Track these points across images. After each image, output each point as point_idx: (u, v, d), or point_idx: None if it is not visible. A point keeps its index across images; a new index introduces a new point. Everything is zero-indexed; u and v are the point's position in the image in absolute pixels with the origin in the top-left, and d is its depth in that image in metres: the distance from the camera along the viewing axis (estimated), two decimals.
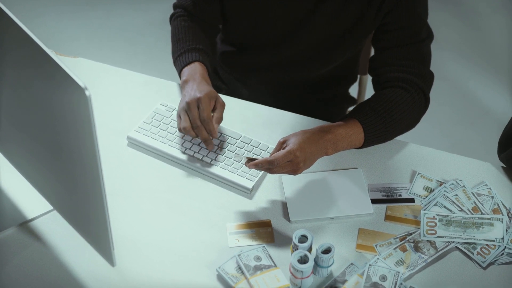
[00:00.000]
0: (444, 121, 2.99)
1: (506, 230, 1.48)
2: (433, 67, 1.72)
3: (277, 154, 1.47)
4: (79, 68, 1.82)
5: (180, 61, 1.71)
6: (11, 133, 1.38)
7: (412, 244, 1.47)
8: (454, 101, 3.08)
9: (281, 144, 1.51)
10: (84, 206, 1.28)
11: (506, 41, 3.35)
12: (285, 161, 1.47)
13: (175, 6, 1.85)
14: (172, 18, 1.83)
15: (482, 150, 2.85)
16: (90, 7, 3.44)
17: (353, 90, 2.08)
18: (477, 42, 3.33)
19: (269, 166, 1.47)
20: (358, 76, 2.08)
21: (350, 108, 2.08)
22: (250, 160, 1.51)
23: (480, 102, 3.07)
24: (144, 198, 1.56)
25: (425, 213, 1.51)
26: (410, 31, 1.66)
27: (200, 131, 1.57)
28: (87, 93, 1.06)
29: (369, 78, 1.94)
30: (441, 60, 3.10)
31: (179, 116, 1.60)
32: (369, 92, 1.88)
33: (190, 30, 1.77)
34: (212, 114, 1.59)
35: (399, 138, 1.68)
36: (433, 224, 1.49)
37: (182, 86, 1.66)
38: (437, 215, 1.50)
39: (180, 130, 1.59)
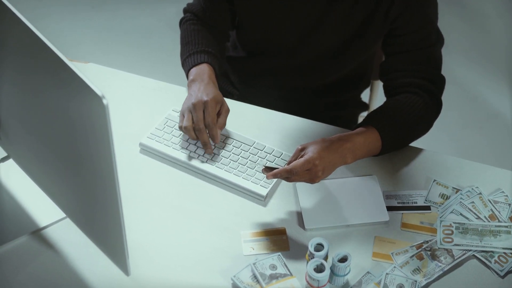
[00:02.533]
0: (452, 125, 2.98)
1: None
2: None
3: (296, 162, 1.46)
4: (89, 73, 1.81)
5: (188, 62, 1.71)
6: (25, 140, 1.37)
7: (429, 252, 1.45)
8: (463, 105, 3.07)
9: (299, 152, 1.50)
10: (99, 214, 1.26)
11: None
12: (304, 170, 1.45)
13: (185, 11, 1.85)
14: (182, 22, 1.83)
15: (491, 154, 2.83)
16: (96, 10, 3.43)
17: (365, 95, 2.07)
18: (484, 45, 3.32)
19: (288, 175, 1.45)
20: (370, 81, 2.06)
21: (363, 113, 2.07)
22: (267, 169, 1.49)
23: (488, 106, 3.06)
24: (157, 205, 1.54)
25: (441, 221, 1.49)
26: (420, 35, 1.65)
27: (202, 134, 1.57)
28: (104, 101, 1.05)
29: (380, 83, 1.92)
30: (449, 63, 3.08)
31: (182, 115, 1.60)
32: (381, 97, 1.87)
33: (199, 33, 1.76)
34: (216, 120, 1.59)
35: (413, 144, 1.66)
36: (450, 232, 1.48)
37: (188, 86, 1.65)
38: (454, 222, 1.49)
39: (180, 128, 1.59)
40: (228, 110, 1.63)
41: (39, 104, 1.22)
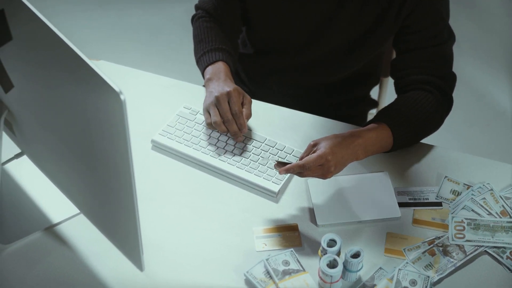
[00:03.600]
0: (460, 123, 2.98)
1: None
2: None
3: (308, 158, 1.46)
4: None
5: (203, 60, 1.71)
6: (40, 137, 1.37)
7: (440, 248, 1.46)
8: (470, 103, 3.07)
9: (312, 147, 1.50)
10: (114, 210, 1.27)
11: None
12: (317, 165, 1.46)
13: (196, 7, 1.85)
14: (194, 19, 1.84)
15: (499, 152, 2.83)
16: (103, 8, 3.44)
17: (374, 93, 2.07)
18: (492, 44, 3.32)
19: (300, 170, 1.46)
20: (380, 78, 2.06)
21: (372, 111, 2.07)
22: (280, 164, 1.49)
23: (495, 103, 3.06)
24: (169, 202, 1.55)
25: (453, 217, 1.49)
26: (432, 32, 1.65)
27: (231, 125, 1.57)
28: (122, 97, 1.05)
29: (390, 81, 1.92)
30: (457, 62, 3.08)
31: (207, 111, 1.60)
32: (390, 94, 1.87)
33: (213, 31, 1.77)
34: (242, 110, 1.60)
35: (425, 141, 1.67)
36: (462, 228, 1.48)
37: (206, 84, 1.65)
38: (466, 218, 1.49)
39: (209, 125, 1.59)
40: (251, 101, 1.63)
41: (56, 101, 1.23)
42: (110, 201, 1.25)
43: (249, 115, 1.60)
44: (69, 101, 1.18)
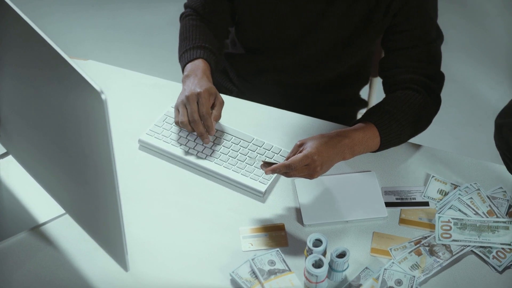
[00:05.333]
0: (452, 122, 2.98)
1: None
2: (441, 68, 1.71)
3: (294, 158, 1.46)
4: (89, 70, 1.81)
5: (184, 57, 1.72)
6: (24, 137, 1.37)
7: (427, 248, 1.46)
8: (462, 103, 3.07)
9: (298, 147, 1.50)
10: (98, 210, 1.27)
11: None
12: (303, 165, 1.46)
13: (185, 6, 1.85)
14: (182, 17, 1.84)
15: (491, 151, 2.82)
16: (96, 8, 3.43)
17: (364, 92, 2.07)
18: (484, 43, 3.32)
19: (286, 170, 1.46)
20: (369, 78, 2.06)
21: (361, 110, 2.07)
22: (266, 164, 1.49)
23: (488, 103, 3.06)
24: (156, 201, 1.55)
25: (440, 217, 1.49)
26: (420, 32, 1.65)
27: (197, 126, 1.58)
28: (103, 96, 1.05)
29: (379, 81, 1.92)
30: (448, 61, 3.08)
31: (177, 110, 1.62)
32: (379, 94, 1.87)
33: (198, 29, 1.77)
34: (211, 111, 1.60)
35: (412, 140, 1.67)
36: (448, 228, 1.48)
37: (183, 81, 1.67)
38: (452, 218, 1.49)
39: (176, 123, 1.61)
40: (222, 102, 1.63)
41: (39, 101, 1.22)
42: (94, 201, 1.25)
43: (218, 117, 1.61)
44: (52, 101, 1.18)
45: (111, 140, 1.09)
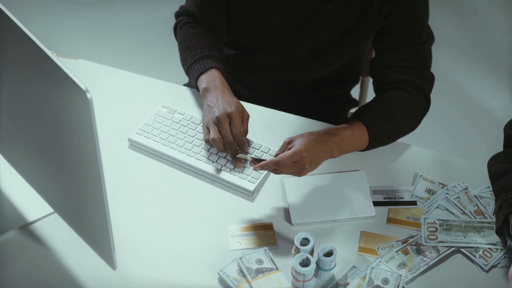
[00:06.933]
0: (444, 121, 2.98)
1: None
2: (433, 68, 1.72)
3: (283, 154, 1.47)
4: (80, 70, 1.82)
5: (194, 69, 1.69)
6: (12, 135, 1.37)
7: (414, 247, 1.46)
8: (455, 102, 3.08)
9: (287, 144, 1.51)
10: (85, 209, 1.27)
11: (506, 40, 3.34)
12: (291, 162, 1.46)
13: (178, 14, 1.82)
14: (178, 27, 1.80)
15: (483, 150, 2.84)
16: (90, 7, 3.44)
17: (355, 92, 2.08)
18: (476, 42, 3.33)
19: (275, 167, 1.46)
20: (360, 77, 2.07)
21: (352, 110, 2.08)
22: (255, 161, 1.50)
23: (480, 102, 3.07)
24: (145, 200, 1.55)
25: (425, 218, 1.50)
26: (411, 32, 1.66)
27: (232, 147, 1.55)
28: (88, 95, 1.05)
29: (370, 80, 1.93)
30: (441, 60, 3.09)
31: (206, 128, 1.58)
32: (371, 93, 1.87)
33: (200, 37, 1.74)
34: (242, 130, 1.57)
35: (401, 140, 1.67)
36: (434, 229, 1.48)
37: (202, 95, 1.63)
38: (438, 220, 1.50)
39: (207, 141, 1.58)
40: (248, 116, 1.60)
41: (25, 99, 1.23)
42: (81, 200, 1.26)
43: (246, 132, 1.59)
44: (37, 100, 1.19)
45: (97, 139, 1.10)
